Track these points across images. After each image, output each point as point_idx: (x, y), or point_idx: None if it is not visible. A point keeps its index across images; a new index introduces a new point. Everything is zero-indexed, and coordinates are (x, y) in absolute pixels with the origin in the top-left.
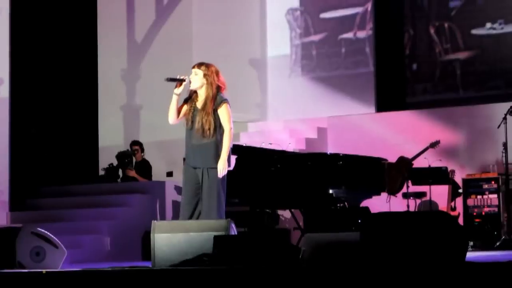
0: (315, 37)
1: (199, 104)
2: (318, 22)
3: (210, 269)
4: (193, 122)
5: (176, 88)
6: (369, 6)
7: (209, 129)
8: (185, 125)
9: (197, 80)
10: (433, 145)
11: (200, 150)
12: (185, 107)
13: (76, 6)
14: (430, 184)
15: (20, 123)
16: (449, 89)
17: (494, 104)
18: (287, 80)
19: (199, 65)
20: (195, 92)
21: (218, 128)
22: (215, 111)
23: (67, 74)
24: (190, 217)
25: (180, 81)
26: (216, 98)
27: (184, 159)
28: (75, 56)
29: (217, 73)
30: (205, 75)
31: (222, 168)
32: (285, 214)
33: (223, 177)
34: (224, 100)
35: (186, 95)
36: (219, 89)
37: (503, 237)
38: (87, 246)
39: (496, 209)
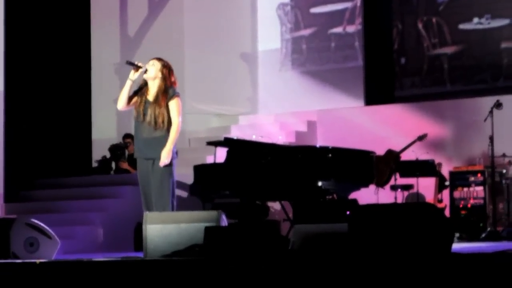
0: (305, 32)
1: (150, 97)
2: (308, 16)
3: (201, 259)
4: (144, 115)
5: (133, 73)
6: (358, 1)
7: (162, 121)
8: (136, 118)
9: (153, 70)
10: (421, 138)
11: (152, 142)
12: (135, 98)
13: (68, 3)
14: (417, 176)
15: (15, 116)
16: (437, 83)
17: (481, 98)
18: (277, 74)
19: (158, 59)
20: (146, 85)
21: (169, 121)
22: (167, 104)
23: (61, 67)
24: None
25: (138, 67)
26: (169, 91)
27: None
28: (68, 50)
29: (172, 71)
30: (161, 69)
31: (166, 156)
32: (275, 206)
33: (171, 167)
34: (176, 94)
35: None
36: (171, 84)
37: (489, 228)
38: (80, 237)
39: (482, 201)
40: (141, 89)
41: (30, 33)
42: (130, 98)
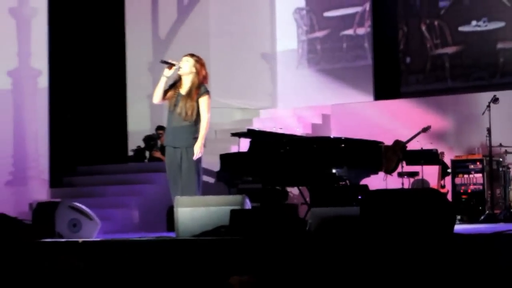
0: (320, 34)
1: (183, 91)
2: (322, 20)
3: (227, 239)
4: (175, 105)
5: (167, 71)
6: (367, 5)
7: (192, 113)
8: (168, 108)
9: (187, 66)
10: (425, 129)
11: (180, 131)
12: (169, 92)
13: (106, 5)
14: (422, 164)
15: (58, 110)
16: (439, 80)
17: (479, 93)
18: (294, 71)
19: (191, 55)
20: (180, 79)
21: (197, 114)
22: (197, 99)
23: (99, 66)
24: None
25: (172, 65)
26: (201, 88)
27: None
28: (106, 50)
29: (204, 65)
30: (194, 65)
31: (198, 151)
32: (294, 190)
33: (199, 158)
34: (207, 92)
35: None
36: (203, 79)
37: (487, 211)
38: (118, 218)
39: (480, 187)
40: (175, 84)
41: (71, 35)
42: (165, 93)
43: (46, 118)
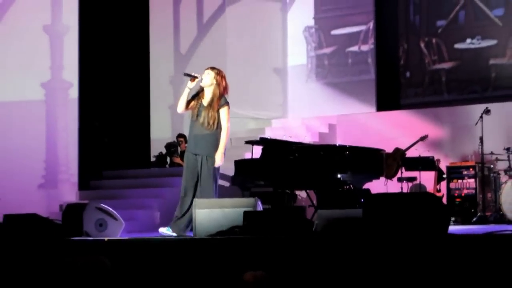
0: (327, 50)
1: (205, 101)
2: (329, 37)
3: (241, 238)
4: (198, 115)
5: (190, 83)
6: (371, 24)
7: (213, 123)
8: (191, 117)
9: (208, 78)
10: (423, 138)
11: (201, 140)
12: (192, 102)
13: (132, 22)
14: (419, 170)
15: (87, 118)
16: (436, 93)
17: (472, 105)
18: (304, 84)
19: (212, 68)
20: (202, 90)
21: (218, 123)
22: (218, 110)
23: (125, 78)
24: (193, 197)
25: (194, 77)
26: (222, 99)
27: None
28: (131, 64)
29: (224, 77)
30: (215, 77)
31: (220, 160)
32: (302, 194)
33: (215, 165)
34: (227, 103)
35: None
36: (224, 91)
37: (479, 214)
38: (141, 219)
39: (473, 191)
40: (197, 95)
41: (100, 50)
42: (188, 103)
43: (76, 126)
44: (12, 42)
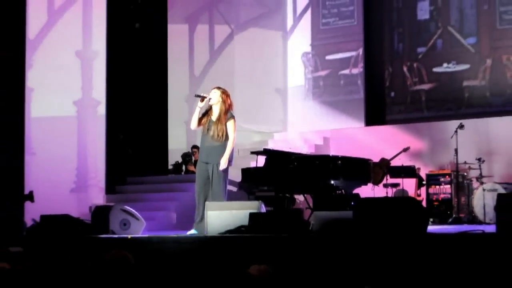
0: (322, 73)
1: (213, 117)
2: (324, 62)
3: (247, 236)
4: (208, 129)
5: (200, 102)
6: (360, 51)
7: (222, 135)
8: (202, 131)
9: (215, 96)
10: (405, 150)
11: (212, 150)
12: (203, 119)
13: (152, 48)
14: (402, 177)
15: (113, 132)
16: (417, 110)
17: (448, 121)
18: (302, 103)
19: (218, 87)
20: (210, 108)
21: (226, 135)
22: (225, 123)
23: (146, 97)
24: (204, 201)
25: (203, 97)
26: (228, 113)
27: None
28: (151, 84)
29: (229, 95)
30: (221, 95)
31: (224, 163)
32: (300, 198)
33: (226, 171)
34: (233, 116)
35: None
36: (229, 107)
37: (454, 215)
38: (159, 219)
39: (449, 196)
40: (207, 112)
41: (124, 72)
42: (199, 120)
43: (103, 139)
44: (50, 65)
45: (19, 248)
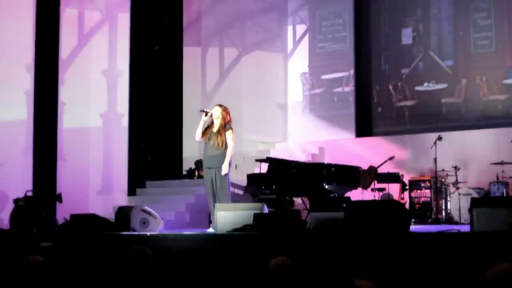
0: (318, 90)
1: (214, 129)
2: (320, 81)
3: (251, 234)
4: (210, 139)
5: (203, 117)
6: (351, 71)
7: (222, 144)
8: (204, 141)
9: (216, 112)
10: (390, 158)
11: (213, 157)
12: (206, 131)
13: (170, 68)
14: (388, 183)
15: (134, 141)
16: (401, 123)
17: (428, 133)
18: (300, 117)
19: (219, 105)
20: (212, 122)
21: (225, 144)
22: (225, 134)
23: (164, 110)
24: (214, 202)
25: (207, 112)
26: (226, 126)
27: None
28: (169, 99)
29: (228, 112)
30: (221, 112)
31: (225, 168)
32: (298, 200)
33: (227, 174)
34: (231, 128)
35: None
36: (228, 121)
37: (433, 216)
38: (175, 218)
39: (429, 199)
40: (209, 126)
41: (145, 88)
42: (203, 133)
43: (126, 147)
44: (79, 82)
45: (49, 243)
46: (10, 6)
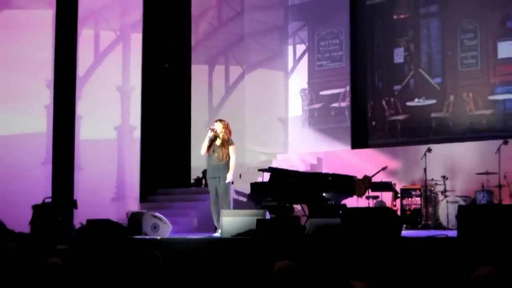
0: (316, 105)
1: (217, 142)
2: (318, 97)
3: (254, 238)
4: (214, 152)
5: (209, 133)
6: (348, 88)
7: (225, 157)
8: (208, 153)
9: (219, 127)
10: (383, 168)
11: (217, 168)
12: (210, 146)
13: (179, 84)
14: (381, 191)
15: (146, 152)
16: (393, 136)
17: (419, 145)
18: (300, 130)
19: (220, 120)
20: (215, 137)
21: (228, 156)
22: (227, 147)
23: (173, 123)
24: (217, 209)
25: (213, 130)
26: (229, 140)
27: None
28: (178, 114)
29: (228, 126)
30: (223, 127)
31: (230, 178)
32: (297, 207)
33: (230, 185)
34: (233, 143)
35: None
36: (229, 134)
37: (423, 222)
38: (183, 223)
39: (419, 206)
40: (213, 140)
41: (156, 102)
42: (208, 147)
43: (138, 157)
44: (95, 97)
45: (65, 246)
46: (31, 27)
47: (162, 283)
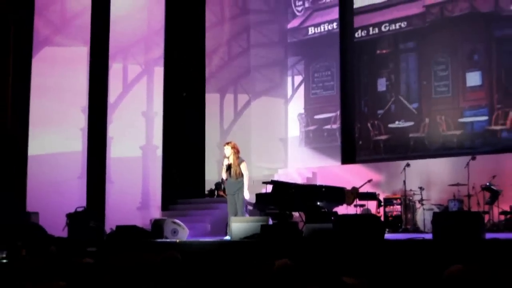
0: (312, 127)
1: (230, 161)
2: (313, 120)
3: (259, 241)
4: (228, 170)
5: (225, 161)
6: (338, 112)
7: (239, 174)
8: (226, 172)
9: (228, 150)
10: (369, 181)
11: (233, 185)
12: (227, 170)
13: (194, 110)
14: (367, 200)
15: (167, 168)
16: (377, 153)
17: (399, 161)
18: (298, 148)
19: (228, 143)
20: (228, 158)
21: (241, 173)
22: (239, 165)
23: (190, 143)
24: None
25: (226, 157)
26: (239, 159)
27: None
28: (194, 135)
29: (235, 146)
30: (232, 148)
31: (246, 194)
32: (296, 214)
33: (244, 197)
34: (243, 160)
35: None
36: (238, 153)
37: (403, 227)
38: (198, 228)
39: (400, 213)
40: (229, 165)
41: (175, 126)
42: (226, 172)
43: (160, 172)
44: (123, 121)
45: (94, 248)
46: (69, 61)
47: (182, 280)
